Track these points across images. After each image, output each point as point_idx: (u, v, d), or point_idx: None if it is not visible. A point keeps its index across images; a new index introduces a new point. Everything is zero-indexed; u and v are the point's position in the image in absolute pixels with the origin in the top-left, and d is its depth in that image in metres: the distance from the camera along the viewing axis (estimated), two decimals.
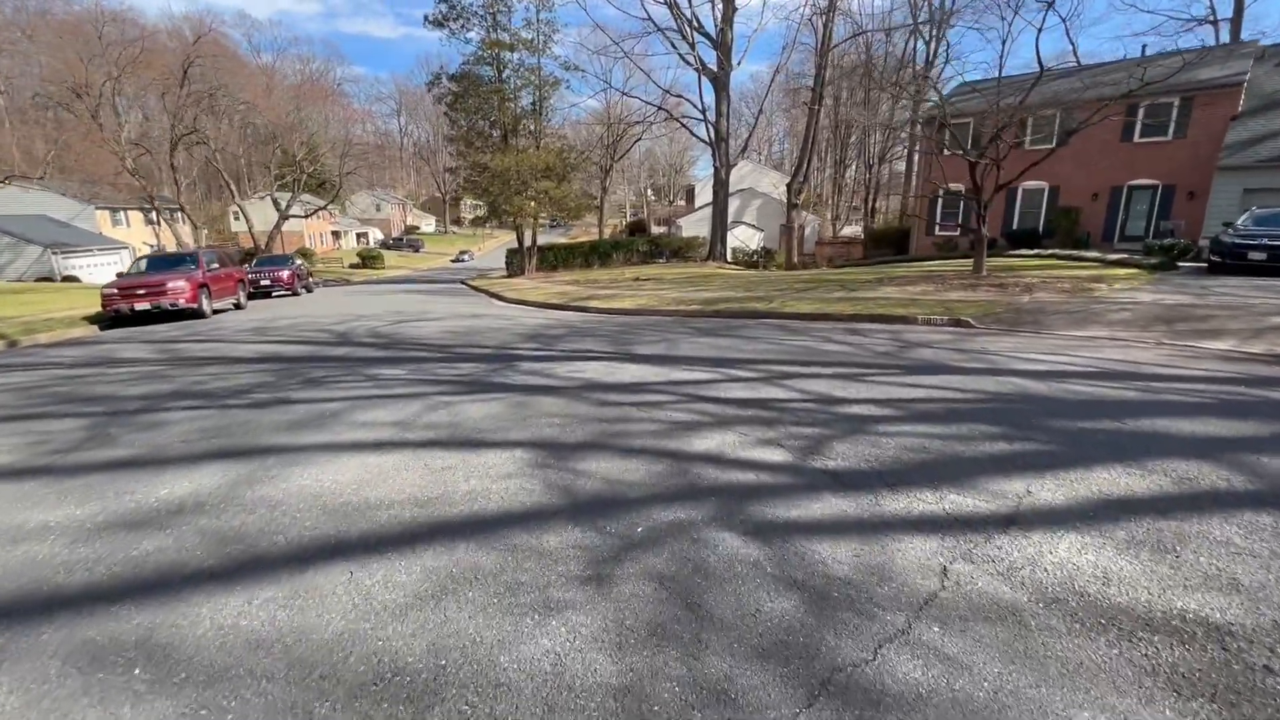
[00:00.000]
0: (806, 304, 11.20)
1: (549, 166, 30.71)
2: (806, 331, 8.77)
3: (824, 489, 3.12)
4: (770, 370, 6.04)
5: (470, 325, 10.46)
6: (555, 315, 12.45)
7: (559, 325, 10.31)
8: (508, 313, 13.17)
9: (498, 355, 7.25)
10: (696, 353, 7.09)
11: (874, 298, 11.48)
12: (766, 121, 68.70)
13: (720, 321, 10.37)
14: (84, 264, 39.57)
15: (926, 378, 5.53)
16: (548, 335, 8.95)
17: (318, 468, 3.58)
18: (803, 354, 6.90)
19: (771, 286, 14.91)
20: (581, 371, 6.10)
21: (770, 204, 43.32)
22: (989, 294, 11.26)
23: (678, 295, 14.00)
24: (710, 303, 12.18)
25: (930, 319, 9.39)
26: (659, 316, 11.43)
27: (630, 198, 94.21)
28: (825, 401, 4.80)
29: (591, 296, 14.95)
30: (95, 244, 41.56)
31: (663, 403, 4.87)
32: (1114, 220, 21.61)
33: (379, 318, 12.23)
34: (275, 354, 7.99)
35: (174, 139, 30.22)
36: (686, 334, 8.74)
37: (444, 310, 13.94)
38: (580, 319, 11.44)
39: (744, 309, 11.14)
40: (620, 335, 8.76)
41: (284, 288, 21.96)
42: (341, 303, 17.65)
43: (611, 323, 10.58)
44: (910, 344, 7.50)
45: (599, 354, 7.18)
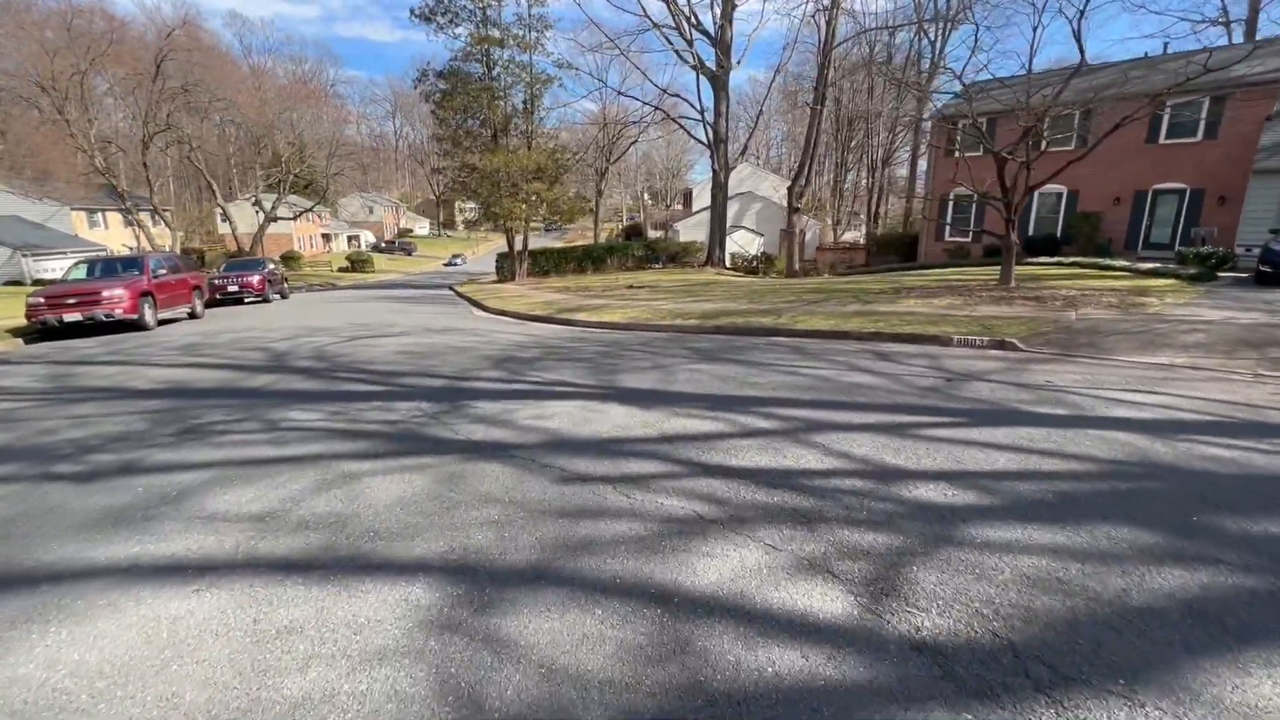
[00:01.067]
0: (820, 319, 9.85)
1: (540, 168, 29.37)
2: (825, 355, 7.41)
3: (929, 695, 1.75)
4: (792, 417, 4.68)
5: (434, 343, 9.07)
6: (536, 330, 11.07)
7: (536, 344, 8.93)
8: (484, 325, 11.79)
9: (449, 389, 5.86)
10: (696, 387, 5.72)
11: (895, 312, 10.14)
12: (765, 125, 67.60)
13: (723, 340, 9.01)
14: (57, 267, 37.94)
15: (999, 431, 4.18)
16: (519, 359, 7.56)
17: (79, 625, 2.20)
18: (828, 389, 5.54)
19: (777, 297, 13.57)
20: (548, 418, 4.73)
21: (770, 208, 42.08)
22: (1026, 308, 9.94)
23: (674, 307, 12.64)
24: (710, 316, 10.83)
25: (967, 339, 8.05)
26: (652, 333, 10.06)
27: (627, 201, 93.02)
28: (878, 476, 3.44)
29: (579, 307, 13.59)
30: (69, 246, 40.10)
31: (651, 476, 3.49)
32: (1137, 226, 20.35)
33: (336, 332, 10.83)
34: (181, 384, 6.59)
35: (146, 136, 28.75)
36: (684, 358, 7.37)
37: (415, 321, 12.55)
38: (563, 335, 10.07)
39: (749, 325, 9.79)
40: (605, 359, 7.38)
41: (254, 294, 20.54)
42: (308, 312, 16.23)
43: (597, 341, 9.20)
44: (954, 373, 6.15)
45: (575, 388, 5.81)
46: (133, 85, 28.67)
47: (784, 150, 79.76)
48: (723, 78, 31.07)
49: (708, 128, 32.50)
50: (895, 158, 41.69)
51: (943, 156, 23.79)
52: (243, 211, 53.15)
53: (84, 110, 28.05)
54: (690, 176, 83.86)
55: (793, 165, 66.89)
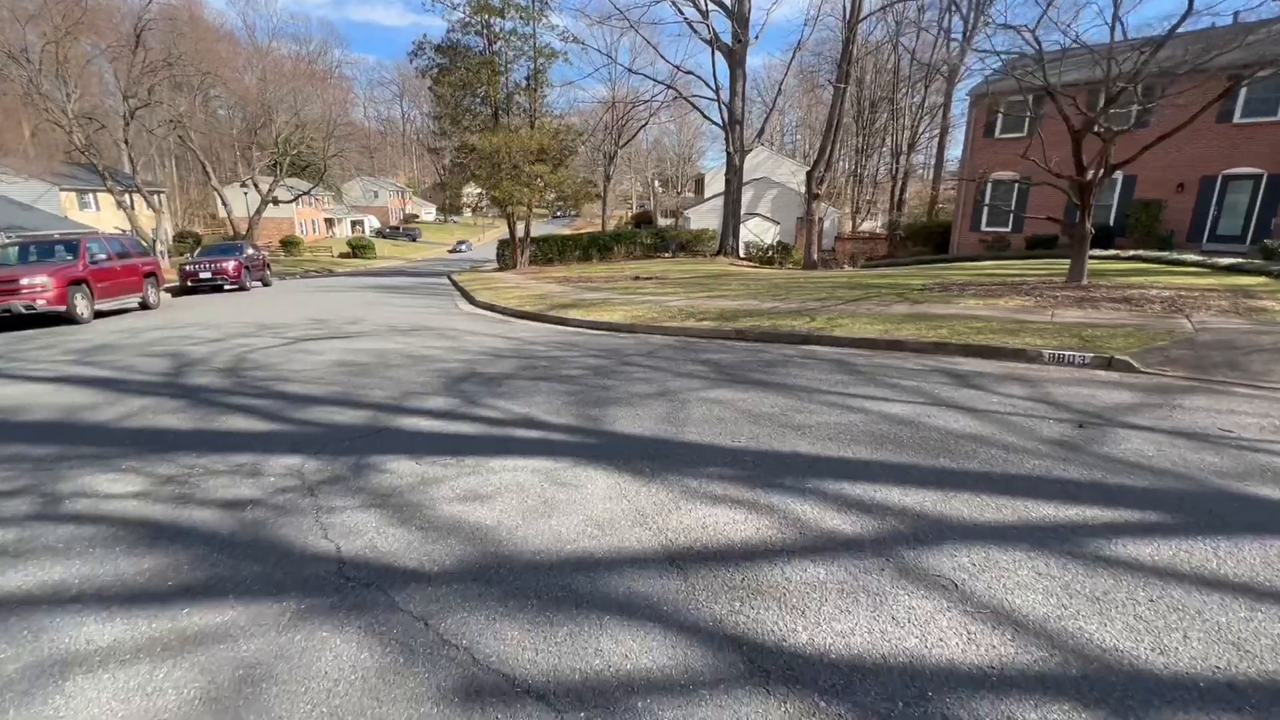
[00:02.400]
0: (864, 322, 8.05)
1: (544, 149, 27.47)
2: (885, 375, 5.63)
3: None
4: (876, 505, 2.92)
5: (390, 350, 7.35)
6: (522, 330, 9.34)
7: (515, 352, 7.20)
8: (462, 324, 10.07)
9: (366, 431, 4.14)
10: (719, 433, 3.97)
11: (955, 315, 8.32)
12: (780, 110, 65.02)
13: (746, 350, 7.23)
14: None
15: (1241, 549, 2.40)
16: (485, 376, 5.82)
17: None
18: (912, 441, 3.78)
19: (804, 292, 11.75)
20: (487, 499, 3.00)
21: (786, 194, 39.96)
22: (1118, 313, 8.09)
23: (685, 304, 10.86)
24: (729, 317, 9.04)
25: (1062, 355, 6.25)
26: (659, 337, 8.30)
27: (637, 188, 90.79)
28: (1095, 683, 1.69)
29: (577, 302, 11.83)
30: (58, 228, 38.69)
31: (647, 687, 1.76)
32: (1203, 216, 18.27)
33: (284, 331, 9.16)
34: (7, 413, 4.91)
35: (127, 112, 27.10)
36: (699, 378, 5.61)
37: (385, 317, 10.86)
38: (552, 339, 8.33)
39: (777, 329, 8.00)
40: (596, 380, 5.63)
41: (230, 281, 18.94)
42: (278, 304, 14.60)
43: (592, 348, 7.46)
44: (1075, 410, 4.39)
45: (544, 433, 4.08)
46: (112, 57, 26.97)
47: (798, 137, 77.26)
48: (739, 53, 28.97)
49: (723, 108, 30.47)
50: (921, 142, 39.37)
51: (981, 137, 21.72)
52: (241, 195, 51.56)
53: (62, 84, 26.41)
54: (702, 164, 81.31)
55: (808, 152, 64.33)
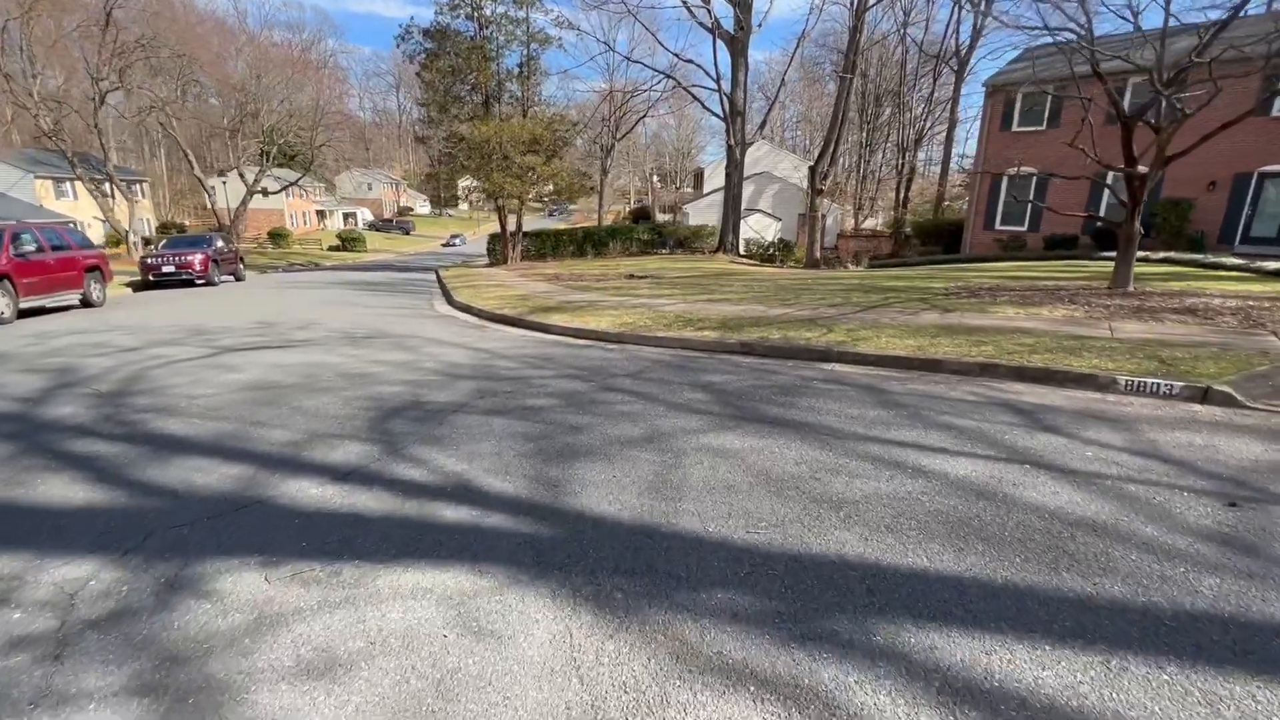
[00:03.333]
0: (890, 335, 6.87)
1: (536, 138, 26.18)
2: (930, 407, 4.45)
3: None
4: (986, 669, 1.73)
5: (325, 366, 6.13)
6: (493, 338, 8.13)
7: (476, 371, 5.99)
8: (428, 330, 8.85)
9: (225, 506, 2.92)
10: (728, 513, 2.78)
11: (996, 328, 7.14)
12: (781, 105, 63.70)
13: (755, 370, 6.04)
14: None
15: None
16: (426, 408, 4.61)
17: None
18: (1006, 531, 2.58)
19: (814, 296, 10.56)
20: (345, 672, 1.81)
21: (788, 190, 38.74)
22: (1185, 326, 6.93)
23: (683, 308, 9.66)
24: (733, 325, 7.85)
25: (1142, 383, 5.08)
26: (651, 350, 7.11)
27: (635, 183, 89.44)
28: None
29: (562, 305, 10.63)
30: (31, 217, 37.27)
31: None
32: (1236, 216, 17.13)
33: (223, 336, 7.94)
34: None
35: (97, 95, 25.70)
36: (699, 413, 4.42)
37: (345, 320, 9.64)
38: (524, 352, 7.13)
39: (790, 342, 6.81)
40: (566, 416, 4.43)
41: (196, 275, 17.66)
42: (234, 302, 13.37)
43: (568, 365, 6.26)
44: (1201, 470, 3.20)
45: (477, 510, 2.88)
46: (81, 36, 25.56)
47: (799, 132, 76.00)
48: (742, 41, 27.69)
49: (723, 99, 29.19)
50: (929, 136, 38.12)
51: (997, 131, 20.53)
52: (233, 185, 50.06)
53: (30, 64, 25.03)
54: (701, 158, 79.89)
55: (809, 147, 63.05)
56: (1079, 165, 15.51)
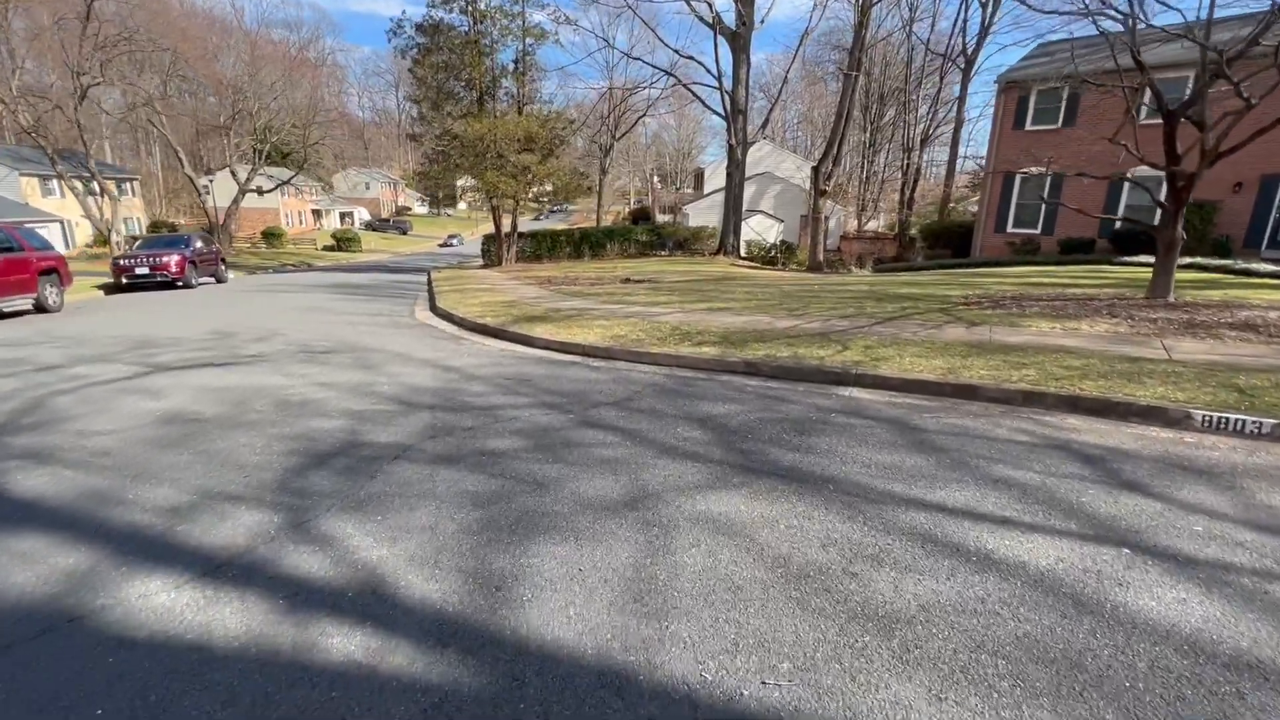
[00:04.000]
0: (914, 354, 6.05)
1: (531, 136, 25.38)
2: (975, 451, 3.63)
3: None
4: None
5: (261, 391, 5.32)
6: (467, 354, 7.32)
7: (434, 399, 5.17)
8: (397, 344, 8.03)
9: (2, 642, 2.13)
10: (735, 640, 1.96)
11: (1033, 346, 6.33)
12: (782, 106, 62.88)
13: (763, 400, 5.21)
14: None
15: None
16: (360, 454, 3.79)
17: None
18: (1142, 695, 1.76)
19: (824, 305, 9.75)
20: None
21: (790, 191, 37.96)
22: (1250, 345, 6.11)
23: (680, 318, 8.84)
24: (736, 340, 7.03)
25: (1224, 419, 4.27)
26: (644, 369, 6.29)
27: (635, 184, 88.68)
28: None
29: (550, 314, 9.81)
30: (17, 215, 36.43)
31: None
32: (1263, 220, 16.31)
33: (167, 350, 7.13)
34: None
35: (78, 89, 24.88)
36: (694, 460, 3.60)
37: (310, 331, 8.83)
38: (496, 372, 6.31)
39: (800, 362, 5.99)
40: (531, 465, 3.60)
41: (172, 278, 16.83)
42: (201, 307, 12.56)
43: (546, 391, 5.44)
44: None
45: (380, 637, 2.07)
46: (60, 28, 24.73)
47: (800, 133, 75.35)
48: (744, 37, 26.88)
49: (725, 96, 28.40)
50: (935, 136, 37.28)
51: (1010, 129, 19.71)
52: (226, 184, 49.21)
53: (8, 57, 24.21)
54: (702, 159, 78.99)
55: (811, 148, 62.27)
56: (1106, 164, 14.73)
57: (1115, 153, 17.51)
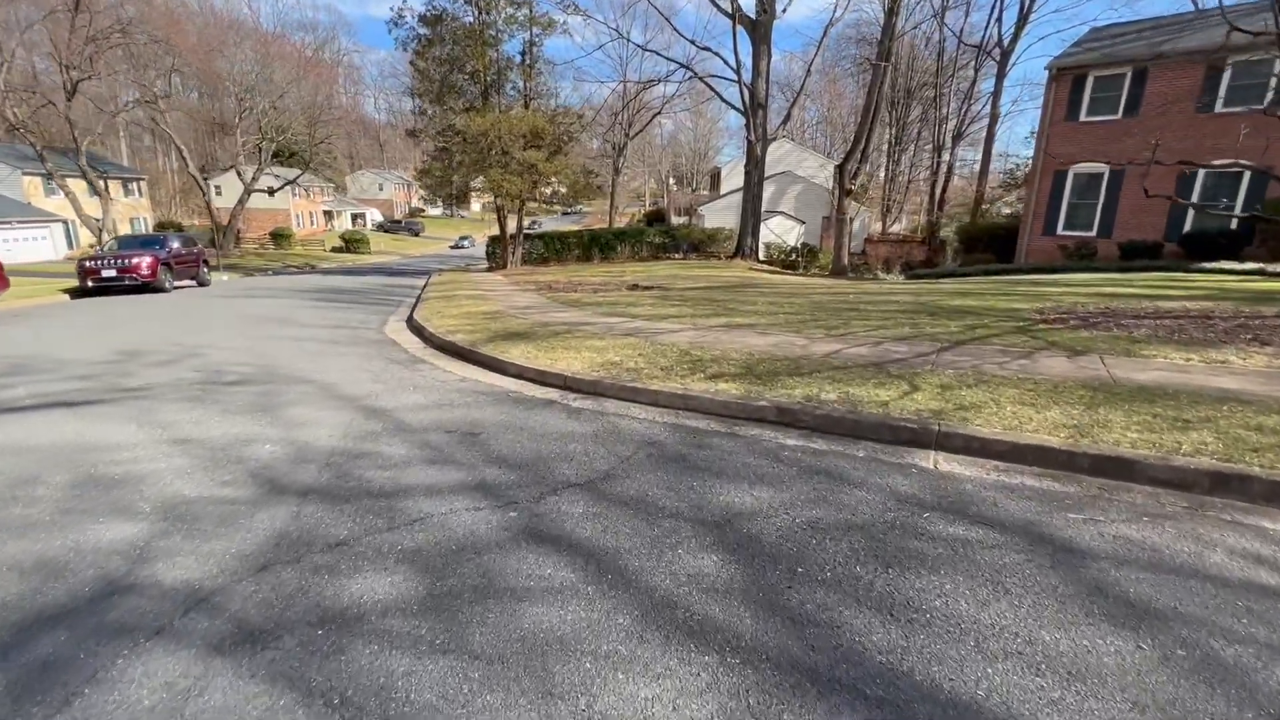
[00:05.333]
0: (1012, 397, 4.31)
1: (537, 132, 23.89)
2: (1206, 616, 1.85)
3: None
4: None
5: (57, 459, 3.75)
6: (409, 392, 5.71)
7: (318, 477, 3.55)
8: (335, 371, 6.47)
9: None
10: None
11: (1178, 388, 4.55)
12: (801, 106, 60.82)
13: (811, 479, 3.53)
14: (1, 238, 33.81)
15: None
16: (82, 628, 2.20)
17: None
18: None
19: (865, 319, 8.02)
20: None
21: (812, 190, 36.09)
22: None
23: (692, 337, 7.17)
24: (764, 370, 5.34)
25: None
26: (640, 413, 4.64)
27: (650, 185, 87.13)
28: None
29: (535, 329, 8.20)
30: (19, 216, 35.77)
31: None
32: None
33: (39, 376, 5.63)
34: None
35: (68, 83, 23.87)
36: (712, 674, 1.95)
37: (243, 350, 7.31)
38: (441, 417, 4.69)
39: (857, 408, 4.28)
40: (388, 664, 1.98)
41: (143, 280, 15.50)
42: (155, 314, 11.16)
43: (485, 464, 3.80)
44: None
45: None
46: (49, 20, 23.74)
47: (819, 134, 73.18)
48: (764, 25, 25.17)
49: (744, 89, 26.67)
50: (967, 133, 35.16)
51: (1062, 120, 17.78)
52: (235, 184, 48.41)
53: None
54: (719, 160, 77.06)
55: (831, 149, 60.13)
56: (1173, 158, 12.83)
57: (1185, 145, 15.61)
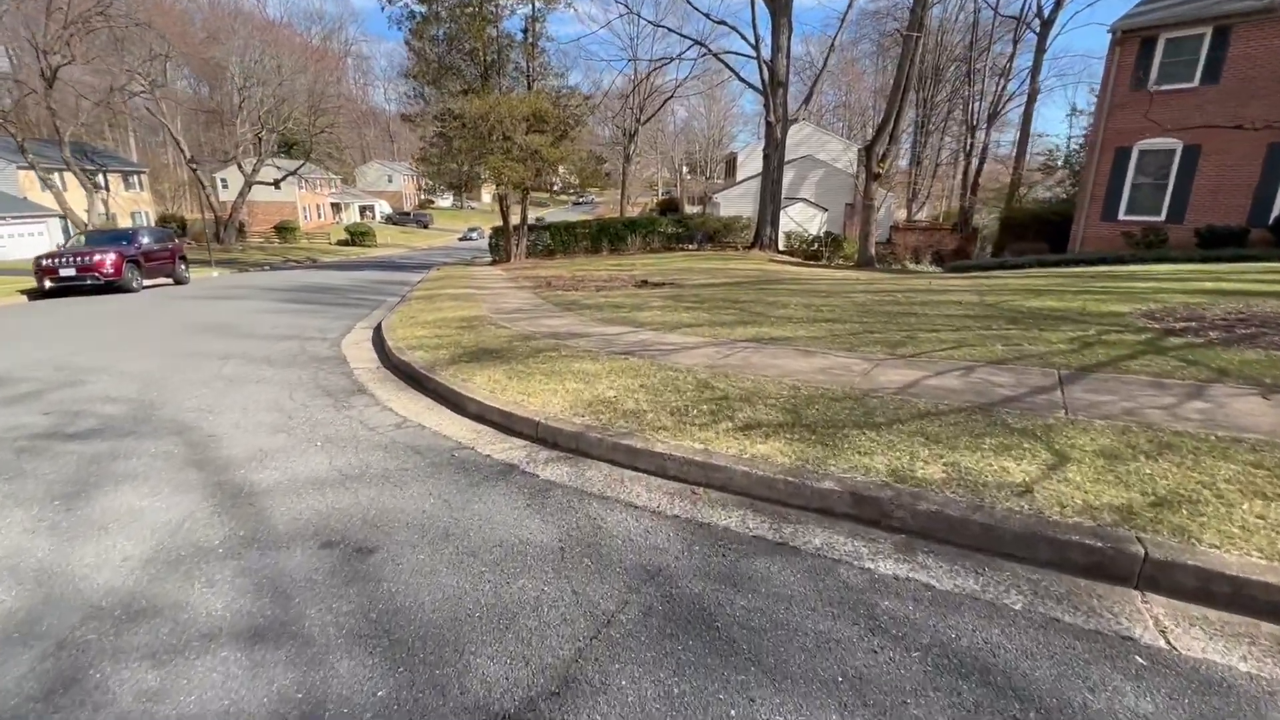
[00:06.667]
0: (1234, 476, 2.62)
1: (541, 115, 22.21)
2: None
3: None
4: None
5: None
6: (309, 454, 4.14)
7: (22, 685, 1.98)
8: (224, 412, 4.94)
9: None
10: None
11: None
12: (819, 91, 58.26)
13: (953, 696, 1.91)
14: None
15: None
16: None
17: None
18: None
19: (933, 329, 6.31)
20: None
21: (834, 176, 34.07)
22: None
23: (712, 357, 5.54)
24: (815, 418, 3.71)
25: None
26: (641, 494, 3.02)
27: (663, 174, 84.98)
28: None
29: (512, 346, 6.61)
30: (12, 211, 34.88)
31: None
32: None
33: None
34: None
35: (46, 69, 22.60)
36: None
37: (129, 375, 5.83)
38: (281, 541, 3.11)
39: (982, 496, 2.63)
40: None
41: (105, 279, 14.15)
42: (90, 319, 9.76)
43: (342, 663, 2.22)
44: None
45: None
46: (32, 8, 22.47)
47: (836, 119, 70.42)
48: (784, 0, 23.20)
49: (763, 66, 24.75)
50: (1003, 111, 32.81)
51: (1127, 90, 15.74)
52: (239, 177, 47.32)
53: None
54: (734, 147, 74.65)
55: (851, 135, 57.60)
56: None
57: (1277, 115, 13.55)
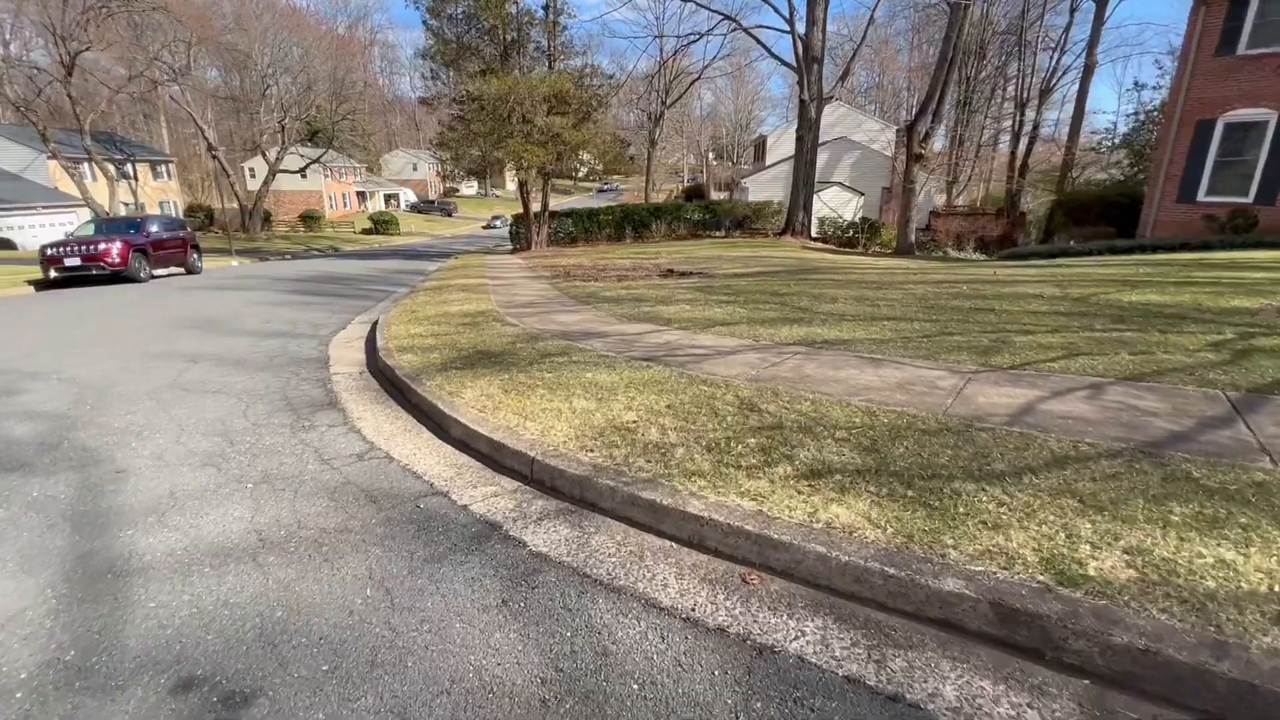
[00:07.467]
0: None
1: (562, 96, 21.19)
2: None
3: None
4: None
5: None
6: (251, 495, 3.27)
7: None
8: (158, 435, 4.10)
9: None
10: None
11: None
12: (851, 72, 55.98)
13: None
14: (25, 224, 33.26)
15: None
16: None
17: None
18: None
19: (1022, 330, 5.20)
20: None
21: (870, 158, 32.39)
22: None
23: (754, 368, 4.52)
24: (908, 464, 2.69)
25: None
26: (661, 571, 2.06)
27: (689, 160, 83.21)
28: None
29: (514, 349, 5.69)
30: (45, 200, 35.21)
31: None
32: None
33: None
34: None
35: (63, 56, 22.32)
36: None
37: (78, 382, 5.06)
38: (158, 665, 2.19)
39: (1205, 613, 1.61)
40: None
41: (112, 269, 13.64)
42: (80, 314, 9.13)
43: None
44: None
45: None
46: None
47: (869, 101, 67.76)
48: None
49: (797, 41, 23.32)
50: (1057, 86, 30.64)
51: (1210, 55, 14.08)
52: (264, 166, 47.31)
53: None
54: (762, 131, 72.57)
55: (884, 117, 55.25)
56: None
57: None
